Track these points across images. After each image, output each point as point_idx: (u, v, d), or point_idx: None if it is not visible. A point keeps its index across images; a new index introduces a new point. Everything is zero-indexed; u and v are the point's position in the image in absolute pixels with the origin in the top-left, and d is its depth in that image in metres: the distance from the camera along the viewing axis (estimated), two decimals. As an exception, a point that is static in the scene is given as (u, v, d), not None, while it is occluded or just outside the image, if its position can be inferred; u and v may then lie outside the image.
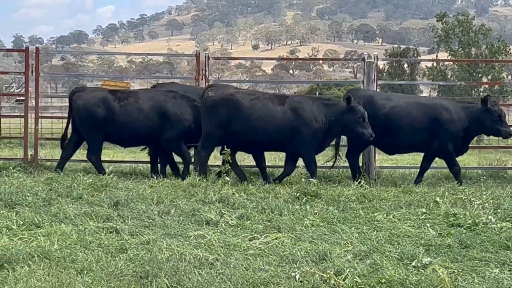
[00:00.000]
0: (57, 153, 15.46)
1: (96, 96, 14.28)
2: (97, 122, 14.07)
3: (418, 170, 14.50)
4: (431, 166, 14.92)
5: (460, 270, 7.09)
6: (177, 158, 14.47)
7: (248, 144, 13.91)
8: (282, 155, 14.98)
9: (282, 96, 14.33)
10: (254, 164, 14.56)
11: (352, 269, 6.93)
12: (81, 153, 18.87)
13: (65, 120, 14.93)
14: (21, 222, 8.87)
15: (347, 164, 14.75)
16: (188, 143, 14.21)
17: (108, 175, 12.84)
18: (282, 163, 14.58)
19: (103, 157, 14.64)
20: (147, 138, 14.43)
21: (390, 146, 14.43)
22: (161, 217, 9.46)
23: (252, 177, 14.06)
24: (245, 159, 15.93)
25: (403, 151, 15.29)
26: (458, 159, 14.71)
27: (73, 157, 14.91)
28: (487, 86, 59.00)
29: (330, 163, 14.85)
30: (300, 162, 13.92)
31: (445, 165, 14.50)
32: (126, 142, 14.96)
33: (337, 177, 14.59)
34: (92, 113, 14.06)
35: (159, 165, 14.62)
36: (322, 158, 14.99)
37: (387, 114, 13.96)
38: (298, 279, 6.70)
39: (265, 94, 14.38)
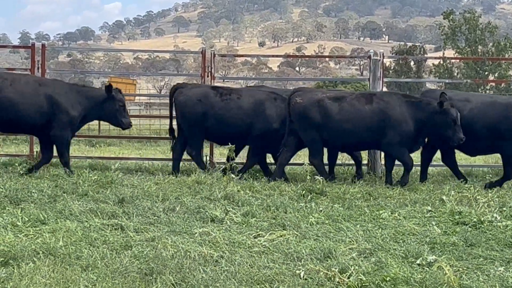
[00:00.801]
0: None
1: (197, 92, 14.33)
2: (198, 118, 14.14)
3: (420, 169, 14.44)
4: (437, 164, 14.91)
5: (465, 268, 7.10)
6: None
7: (338, 146, 14.08)
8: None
9: (369, 95, 14.00)
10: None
11: (357, 267, 6.93)
12: (87, 150, 18.93)
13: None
14: (26, 219, 8.89)
15: (351, 161, 14.79)
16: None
17: (114, 172, 12.85)
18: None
19: (108, 154, 14.65)
20: (243, 136, 14.29)
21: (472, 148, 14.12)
22: (166, 214, 9.48)
23: (257, 174, 14.08)
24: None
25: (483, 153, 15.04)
26: (463, 156, 14.70)
27: (78, 154, 14.90)
28: (493, 84, 58.97)
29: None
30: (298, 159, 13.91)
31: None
32: (223, 139, 14.55)
33: (342, 175, 14.58)
34: (193, 109, 14.16)
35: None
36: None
37: (466, 117, 13.53)
38: (303, 276, 6.71)
39: (351, 94, 14.18)
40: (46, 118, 13.31)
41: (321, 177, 12.07)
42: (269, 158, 14.80)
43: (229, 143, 13.79)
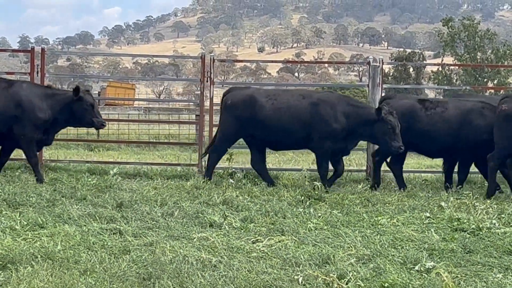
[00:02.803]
0: (61, 154, 15.46)
1: (405, 104, 13.73)
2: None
3: (421, 174, 14.44)
4: (436, 170, 14.92)
5: (463, 275, 7.10)
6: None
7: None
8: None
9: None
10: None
11: (355, 273, 6.93)
12: (86, 154, 18.92)
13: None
14: (25, 223, 8.89)
15: (351, 167, 14.79)
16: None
17: (112, 176, 12.85)
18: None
19: (106, 158, 14.63)
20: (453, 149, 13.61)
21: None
22: (165, 219, 9.47)
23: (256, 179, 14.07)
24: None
25: None
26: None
27: (77, 158, 14.87)
28: (492, 91, 59.00)
29: None
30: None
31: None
32: (431, 153, 14.16)
33: (341, 180, 14.56)
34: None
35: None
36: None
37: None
38: (301, 282, 6.71)
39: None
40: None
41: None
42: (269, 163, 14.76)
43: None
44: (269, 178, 13.72)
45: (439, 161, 14.56)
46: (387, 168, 14.05)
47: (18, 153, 16.84)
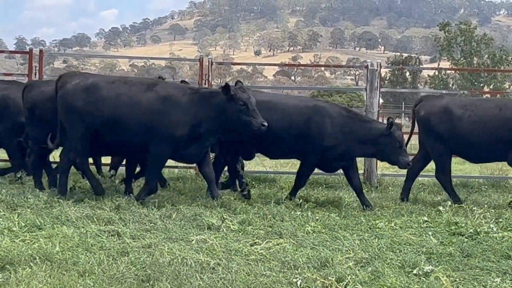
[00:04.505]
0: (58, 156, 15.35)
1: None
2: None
3: (418, 178, 14.46)
4: (433, 175, 14.93)
5: (461, 279, 7.11)
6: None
7: None
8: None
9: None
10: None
11: (353, 276, 6.93)
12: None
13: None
14: (23, 224, 8.89)
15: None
16: None
17: (110, 178, 12.84)
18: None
19: (104, 161, 14.57)
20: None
21: None
22: (163, 221, 9.46)
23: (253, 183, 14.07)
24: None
25: None
26: (461, 167, 14.71)
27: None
28: (489, 95, 59.05)
29: None
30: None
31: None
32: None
33: (338, 184, 14.58)
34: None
35: None
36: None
37: None
38: (300, 285, 6.72)
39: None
40: None
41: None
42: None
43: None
44: None
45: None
46: (386, 172, 14.08)
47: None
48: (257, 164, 16.54)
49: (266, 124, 10.89)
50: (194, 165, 14.02)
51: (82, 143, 11.32)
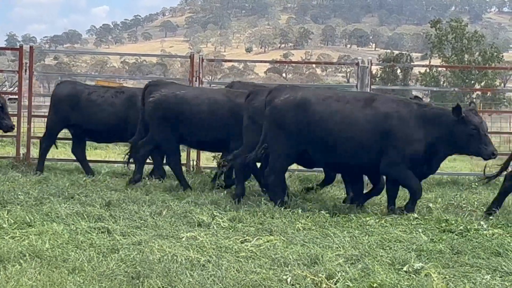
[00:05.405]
0: (49, 153, 15.32)
1: None
2: None
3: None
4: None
5: (451, 276, 7.11)
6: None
7: None
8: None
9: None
10: None
11: (343, 273, 6.93)
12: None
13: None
14: (13, 221, 8.87)
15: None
16: None
17: (102, 175, 12.83)
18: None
19: (94, 157, 14.58)
20: None
21: None
22: (153, 218, 9.46)
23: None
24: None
25: None
26: (451, 165, 14.69)
27: (64, 157, 14.81)
28: (479, 92, 59.21)
29: None
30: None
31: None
32: None
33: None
34: None
35: None
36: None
37: None
38: (290, 282, 6.71)
39: None
40: None
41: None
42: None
43: None
44: None
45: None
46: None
47: (5, 152, 16.77)
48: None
49: (496, 153, 10.36)
50: (184, 161, 14.02)
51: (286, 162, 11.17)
